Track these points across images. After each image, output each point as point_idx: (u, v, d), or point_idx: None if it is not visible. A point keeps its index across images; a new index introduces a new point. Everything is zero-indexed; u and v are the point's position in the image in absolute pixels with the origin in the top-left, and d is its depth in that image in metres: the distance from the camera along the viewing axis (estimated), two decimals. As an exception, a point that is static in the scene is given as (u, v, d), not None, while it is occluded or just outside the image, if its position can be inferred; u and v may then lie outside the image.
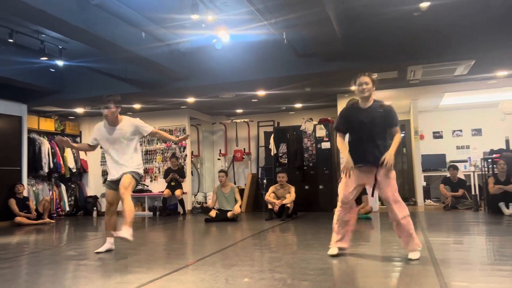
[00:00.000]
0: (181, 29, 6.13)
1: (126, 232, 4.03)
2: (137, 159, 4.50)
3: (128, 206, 4.24)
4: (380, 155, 3.68)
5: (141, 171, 4.50)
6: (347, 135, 3.97)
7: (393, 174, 3.74)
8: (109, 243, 4.56)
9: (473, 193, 8.62)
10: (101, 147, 4.63)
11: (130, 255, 4.33)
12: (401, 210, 3.68)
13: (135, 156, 4.47)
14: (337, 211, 3.93)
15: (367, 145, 3.75)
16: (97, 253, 4.44)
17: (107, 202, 4.53)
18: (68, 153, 9.74)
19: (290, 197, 7.58)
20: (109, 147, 4.46)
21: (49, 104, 8.68)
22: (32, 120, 9.11)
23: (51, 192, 9.26)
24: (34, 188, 8.90)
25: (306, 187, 8.99)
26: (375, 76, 3.88)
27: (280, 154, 9.36)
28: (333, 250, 3.90)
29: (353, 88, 3.90)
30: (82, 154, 10.23)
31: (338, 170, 8.63)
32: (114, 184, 4.45)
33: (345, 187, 3.85)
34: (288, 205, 7.51)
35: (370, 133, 3.75)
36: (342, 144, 3.92)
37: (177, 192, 8.97)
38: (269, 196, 7.67)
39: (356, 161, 3.78)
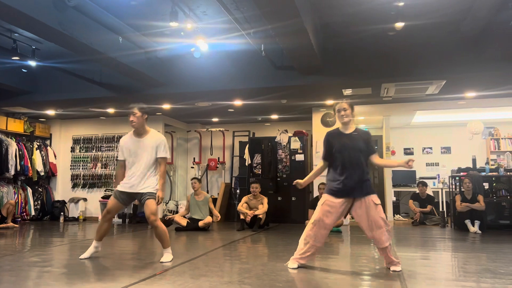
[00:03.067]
0: (160, 36, 6.10)
1: (167, 257, 4.26)
2: (156, 180, 4.30)
3: (161, 231, 4.23)
4: (365, 183, 3.73)
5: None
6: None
7: (378, 200, 3.79)
8: (94, 247, 4.48)
9: (440, 209, 8.83)
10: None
11: (96, 263, 4.22)
12: (388, 238, 3.71)
13: (154, 175, 4.28)
14: (309, 230, 3.88)
15: (352, 172, 3.74)
16: (81, 259, 4.37)
17: (107, 209, 4.35)
18: (37, 155, 9.48)
19: (262, 208, 7.58)
20: (132, 159, 4.30)
21: (19, 105, 8.43)
22: None
23: (16, 196, 8.96)
24: (-2, 191, 8.59)
25: (279, 198, 9.02)
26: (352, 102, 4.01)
27: (254, 165, 9.38)
28: (294, 264, 3.91)
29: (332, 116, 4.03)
30: (51, 157, 9.96)
31: (311, 183, 8.67)
32: (124, 196, 4.30)
33: (325, 211, 3.81)
34: (260, 216, 7.51)
35: (355, 159, 3.76)
36: (315, 170, 4.09)
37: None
38: (242, 206, 7.66)
39: (344, 192, 3.77)
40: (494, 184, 8.17)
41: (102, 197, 9.60)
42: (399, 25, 5.37)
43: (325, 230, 3.86)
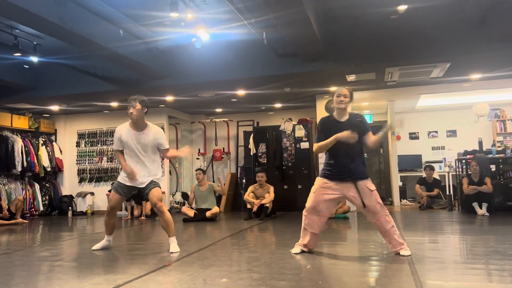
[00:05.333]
0: (160, 27, 6.06)
1: (174, 247, 4.29)
2: (159, 169, 4.45)
3: (168, 217, 4.31)
4: (357, 168, 3.76)
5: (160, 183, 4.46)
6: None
7: (373, 186, 3.83)
8: (106, 241, 4.56)
9: (447, 193, 8.81)
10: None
11: (106, 256, 4.26)
12: (387, 220, 3.75)
13: (156, 166, 4.40)
14: (304, 218, 3.99)
15: (347, 159, 3.79)
16: (94, 250, 4.46)
17: (110, 205, 4.44)
18: (43, 151, 9.52)
19: (269, 196, 7.59)
20: (132, 152, 4.31)
21: (23, 101, 8.44)
22: (4, 118, 8.86)
23: (24, 192, 9.03)
24: (6, 187, 8.65)
25: (285, 186, 9.02)
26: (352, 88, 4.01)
27: (260, 154, 9.37)
28: (297, 249, 4.02)
29: (332, 100, 4.04)
30: (57, 153, 10.01)
31: (316, 170, 8.69)
32: (126, 189, 4.37)
33: (319, 195, 3.87)
34: (267, 204, 7.52)
35: (348, 147, 3.78)
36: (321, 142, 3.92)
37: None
38: (248, 195, 7.67)
39: (338, 175, 3.82)
40: (501, 166, 8.12)
41: (109, 191, 9.64)
42: (402, 7, 5.30)
43: (320, 217, 3.92)
